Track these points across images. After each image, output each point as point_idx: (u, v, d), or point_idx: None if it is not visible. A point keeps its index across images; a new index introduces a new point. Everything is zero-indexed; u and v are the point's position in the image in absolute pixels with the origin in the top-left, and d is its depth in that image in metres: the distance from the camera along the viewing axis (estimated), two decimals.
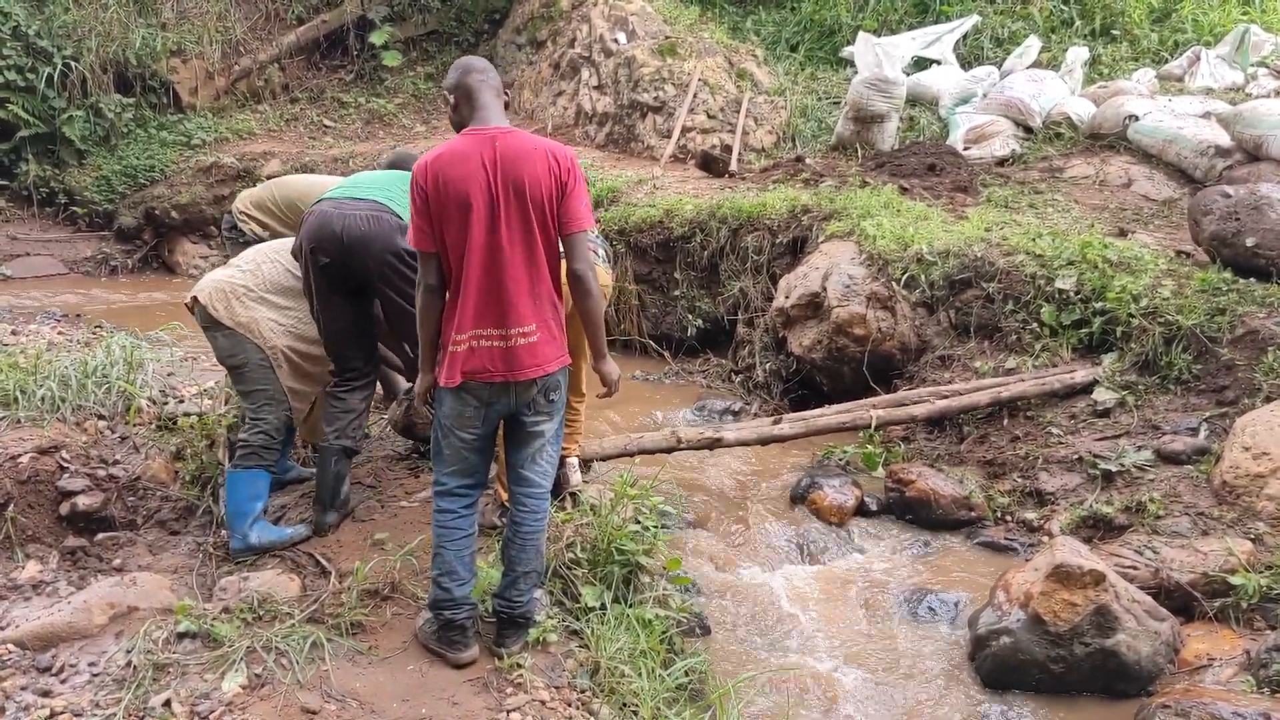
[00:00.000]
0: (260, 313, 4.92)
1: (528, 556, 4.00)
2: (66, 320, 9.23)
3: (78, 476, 5.12)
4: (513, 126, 3.80)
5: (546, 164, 3.70)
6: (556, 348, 3.84)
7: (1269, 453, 5.29)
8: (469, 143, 3.72)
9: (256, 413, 4.92)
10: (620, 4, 13.59)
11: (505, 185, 3.67)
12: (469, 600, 3.97)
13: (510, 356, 3.74)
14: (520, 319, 3.73)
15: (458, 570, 3.94)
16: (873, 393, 7.20)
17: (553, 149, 3.76)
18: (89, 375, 5.87)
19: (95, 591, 4.28)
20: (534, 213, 3.70)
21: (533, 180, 3.67)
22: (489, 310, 3.72)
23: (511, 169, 3.67)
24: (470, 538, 4.00)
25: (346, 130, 14.00)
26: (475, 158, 3.68)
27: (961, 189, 9.30)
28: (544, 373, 3.80)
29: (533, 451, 3.96)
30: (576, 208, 3.77)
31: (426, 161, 3.74)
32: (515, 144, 3.71)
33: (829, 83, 12.74)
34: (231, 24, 14.12)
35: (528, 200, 3.68)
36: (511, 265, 3.70)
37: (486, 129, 3.74)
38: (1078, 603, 4.49)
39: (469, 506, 4.00)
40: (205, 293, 4.92)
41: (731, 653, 4.86)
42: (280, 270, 5.06)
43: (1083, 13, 12.91)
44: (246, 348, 4.87)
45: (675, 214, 9.42)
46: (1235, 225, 6.61)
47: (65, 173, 12.98)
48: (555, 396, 3.90)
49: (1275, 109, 8.71)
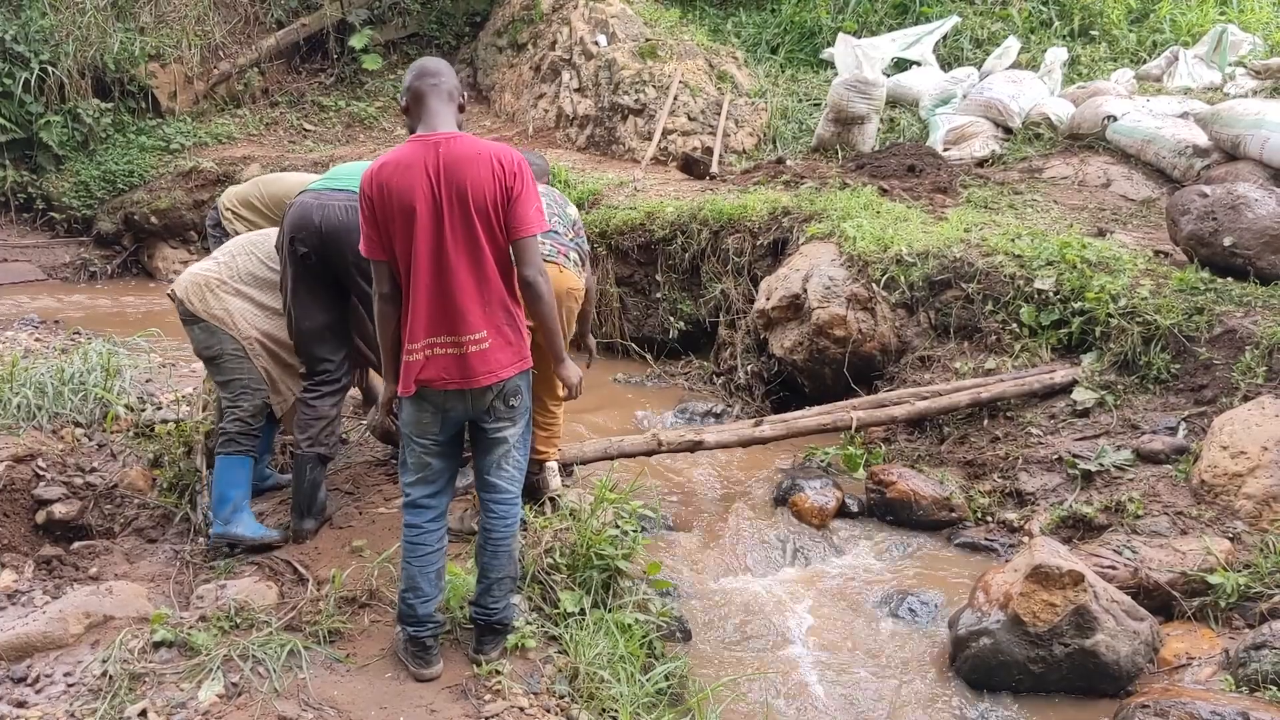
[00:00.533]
0: (234, 304, 4.92)
1: (500, 563, 3.98)
2: (44, 327, 9.16)
3: (54, 485, 5.09)
4: (459, 132, 3.74)
5: (491, 169, 3.64)
6: (512, 354, 3.78)
7: (1247, 451, 5.31)
8: (413, 150, 3.68)
9: (234, 401, 4.92)
10: (601, 6, 13.58)
11: (449, 192, 3.61)
12: (433, 619, 3.93)
13: (464, 364, 3.70)
14: (471, 326, 3.69)
15: (421, 587, 3.90)
16: (854, 394, 7.21)
17: (498, 153, 3.69)
18: (66, 382, 5.85)
19: (71, 601, 4.23)
20: (478, 219, 3.64)
21: (475, 186, 3.61)
22: (440, 319, 3.68)
23: (454, 176, 3.61)
24: (437, 553, 3.95)
25: (327, 134, 13.95)
26: (419, 165, 3.63)
27: (941, 190, 9.32)
28: (497, 379, 3.74)
29: (497, 457, 3.93)
30: (524, 213, 3.70)
31: (373, 170, 3.71)
32: (459, 150, 3.65)
33: (809, 84, 12.76)
34: (210, 28, 14.05)
35: (471, 207, 3.62)
36: (458, 273, 3.65)
37: (432, 135, 3.69)
38: (1057, 603, 4.49)
39: (435, 520, 3.94)
40: (182, 287, 4.93)
41: (712, 656, 4.85)
42: (255, 261, 5.06)
43: (1061, 14, 12.98)
44: (221, 339, 4.88)
45: (656, 216, 9.42)
46: (1213, 225, 6.64)
47: (43, 178, 12.90)
48: (515, 402, 3.85)
49: (1252, 108, 8.75)
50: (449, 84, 3.79)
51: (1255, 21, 12.45)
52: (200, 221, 12.54)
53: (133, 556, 4.90)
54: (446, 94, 3.78)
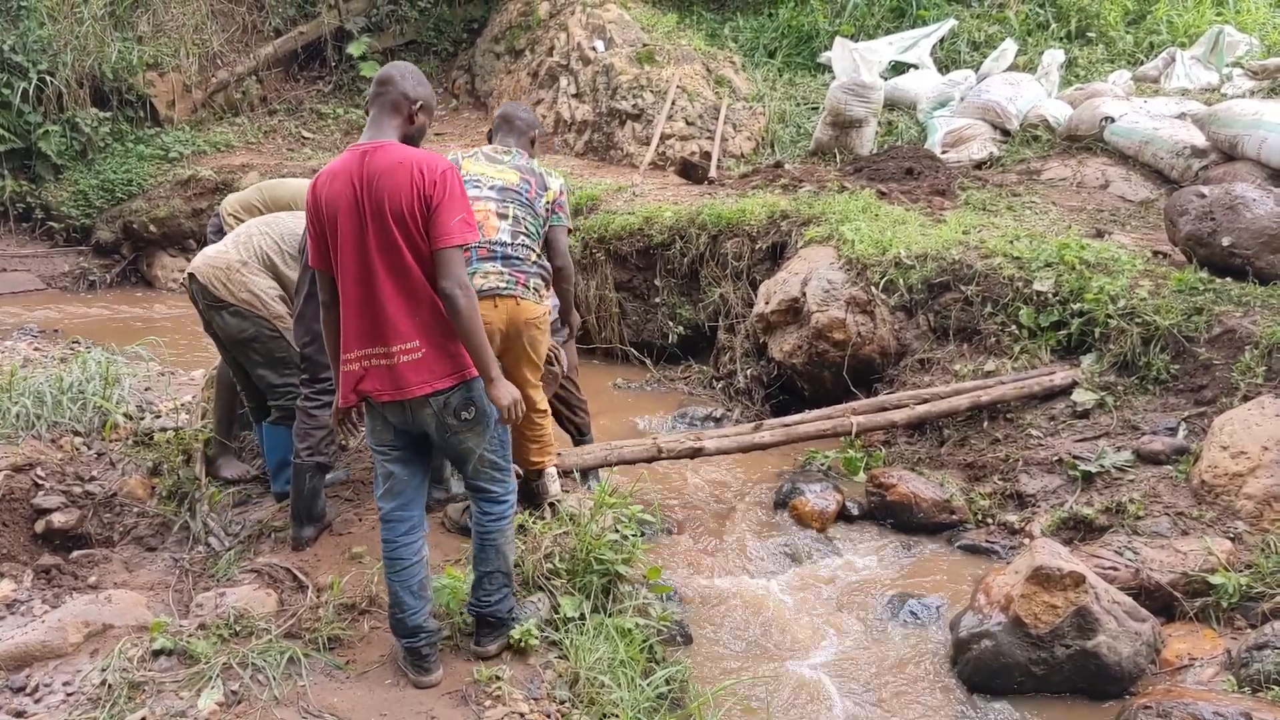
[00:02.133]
0: (260, 283, 5.05)
1: (487, 556, 3.98)
2: (43, 336, 9.18)
3: (53, 494, 5.08)
4: (390, 141, 3.70)
5: (410, 178, 3.57)
6: (450, 364, 3.70)
7: (1247, 451, 5.31)
8: (344, 160, 3.68)
9: (282, 378, 5.06)
10: (598, 12, 13.59)
11: (370, 202, 3.59)
12: (424, 629, 3.92)
13: (396, 375, 3.67)
14: (400, 336, 3.65)
15: (405, 601, 3.89)
16: (853, 397, 7.21)
17: (421, 162, 3.62)
18: (65, 391, 5.85)
19: (70, 610, 4.23)
20: (397, 229, 3.58)
21: (393, 196, 3.56)
22: (369, 329, 3.67)
23: (374, 185, 3.58)
24: (416, 565, 3.92)
25: (325, 141, 13.96)
26: (345, 175, 3.63)
27: (939, 192, 9.32)
28: (432, 389, 3.68)
29: (471, 466, 3.90)
30: (444, 222, 3.59)
31: (315, 179, 3.74)
32: (381, 159, 3.61)
33: (807, 88, 12.76)
34: (208, 37, 14.07)
35: (388, 217, 3.58)
36: (383, 283, 3.62)
37: (362, 145, 3.68)
38: (1058, 605, 4.49)
39: (408, 534, 3.91)
40: (204, 273, 5.00)
41: (713, 660, 4.84)
42: (270, 241, 5.16)
43: (1058, 16, 12.97)
44: (255, 321, 5.01)
45: (655, 221, 9.42)
46: (1211, 225, 6.64)
47: (42, 188, 12.90)
48: (468, 415, 3.76)
49: (1249, 109, 8.75)
50: (395, 93, 3.74)
51: (1252, 22, 12.45)
52: (199, 230, 12.54)
53: (132, 565, 4.89)
54: (391, 104, 3.74)
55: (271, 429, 5.17)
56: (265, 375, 5.10)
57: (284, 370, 5.07)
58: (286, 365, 5.06)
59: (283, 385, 5.07)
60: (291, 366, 5.04)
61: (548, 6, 14.14)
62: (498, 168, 4.79)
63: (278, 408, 5.10)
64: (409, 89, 3.76)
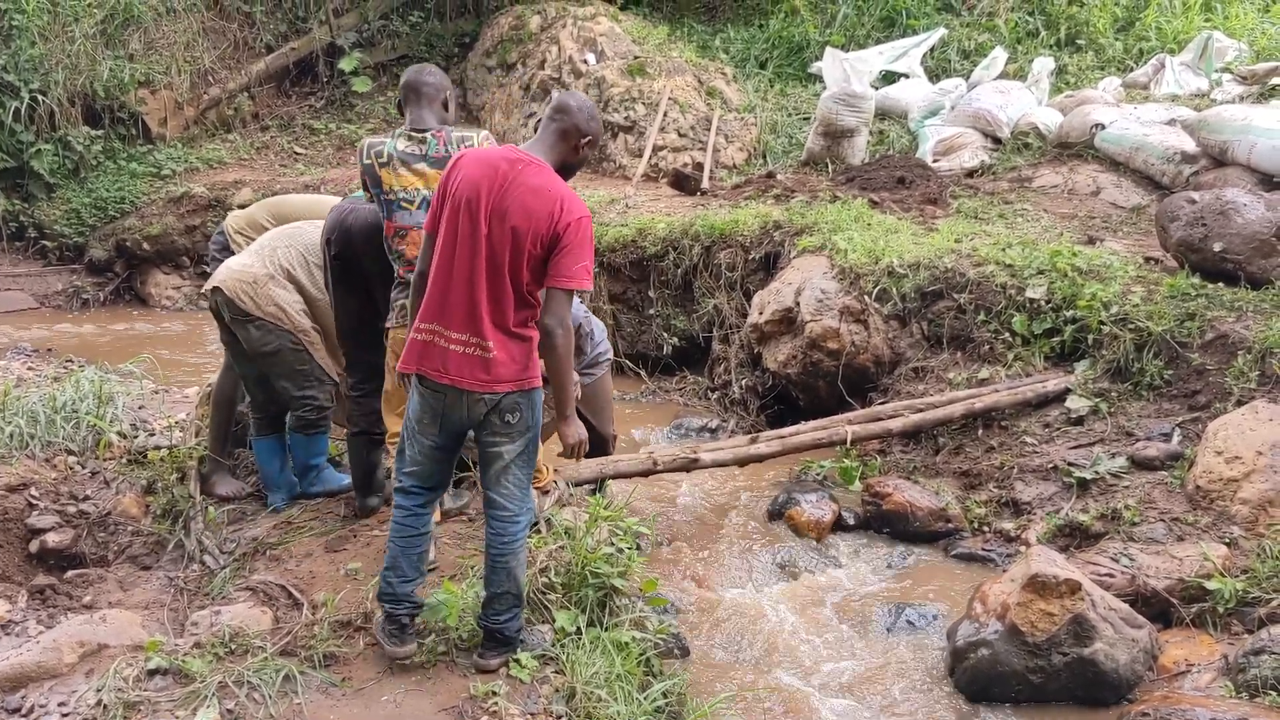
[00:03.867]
0: (284, 297, 5.08)
1: (498, 578, 4.00)
2: (37, 355, 9.15)
3: (47, 514, 5.07)
4: (544, 162, 3.90)
5: (550, 209, 3.76)
6: (514, 370, 3.83)
7: (1241, 456, 5.32)
8: (500, 153, 3.96)
9: (302, 390, 5.14)
10: (589, 25, 13.61)
11: (499, 204, 3.76)
12: (410, 598, 4.04)
13: (459, 362, 3.80)
14: (475, 329, 3.79)
15: (402, 566, 4.02)
16: (848, 406, 7.21)
17: (566, 199, 3.82)
18: (58, 411, 5.84)
19: (65, 630, 4.21)
20: (510, 243, 3.76)
21: (524, 214, 3.75)
22: (451, 310, 3.81)
23: (511, 193, 3.78)
24: (420, 537, 4.07)
25: (318, 157, 13.94)
26: (490, 166, 3.85)
27: (931, 201, 9.34)
28: (490, 390, 3.80)
29: (495, 472, 3.96)
30: (567, 265, 3.81)
31: (462, 155, 4.00)
32: (532, 175, 3.83)
33: (798, 98, 12.78)
34: (200, 53, 14.05)
35: (509, 227, 3.75)
36: (480, 277, 3.77)
37: (520, 150, 3.95)
38: (1054, 612, 4.49)
39: (422, 507, 4.06)
40: (229, 286, 5.03)
41: (711, 673, 4.83)
42: (295, 254, 5.20)
43: (1048, 23, 13.01)
44: (279, 335, 5.05)
45: (648, 233, 9.43)
46: (1202, 230, 6.66)
47: (35, 206, 12.86)
48: (513, 419, 3.87)
49: (1239, 114, 8.79)
50: (569, 123, 3.92)
51: (1240, 28, 12.48)
52: (193, 247, 12.54)
53: (127, 584, 4.87)
54: (562, 131, 3.93)
55: (264, 442, 5.29)
56: (288, 387, 5.16)
57: (304, 383, 5.15)
58: (308, 378, 5.16)
59: (303, 397, 5.16)
60: (312, 379, 5.16)
61: (539, 20, 14.17)
62: (417, 171, 4.59)
63: (297, 417, 5.21)
64: (582, 123, 3.94)
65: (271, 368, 5.15)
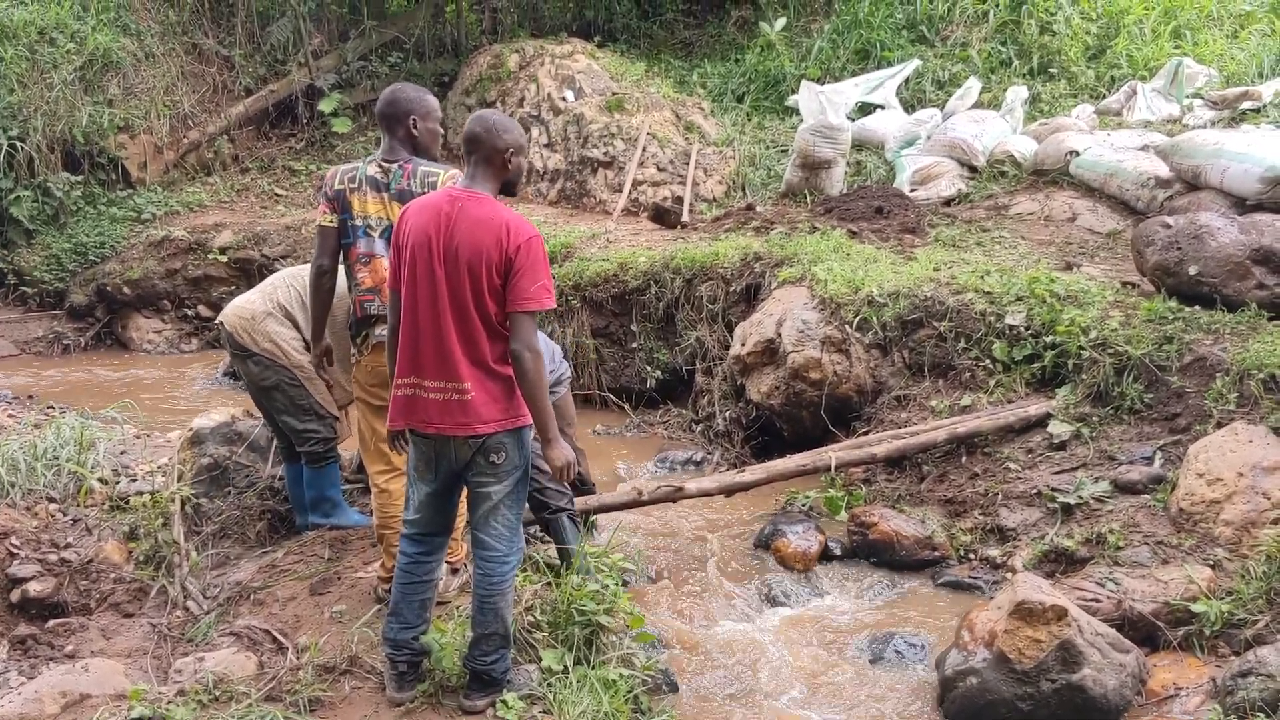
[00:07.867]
0: (283, 334, 5.25)
1: (485, 619, 3.99)
2: (18, 402, 9.10)
3: (28, 563, 5.03)
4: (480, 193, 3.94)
5: (496, 236, 3.78)
6: (496, 410, 3.85)
7: (1223, 478, 5.34)
8: (439, 197, 3.98)
9: (304, 424, 5.32)
10: (567, 63, 13.72)
11: (449, 245, 3.79)
12: (410, 646, 4.06)
13: (441, 410, 3.84)
14: (452, 374, 3.81)
15: (403, 612, 4.06)
16: (833, 436, 7.22)
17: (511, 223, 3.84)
18: (38, 458, 5.81)
19: (47, 680, 4.18)
20: (468, 279, 3.80)
21: (474, 247, 3.78)
22: (424, 361, 3.85)
23: (458, 231, 3.81)
24: (424, 584, 4.09)
25: (298, 198, 13.96)
26: (433, 211, 3.88)
27: (909, 230, 9.40)
28: (474, 432, 3.82)
29: (484, 513, 3.97)
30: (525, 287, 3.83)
31: (408, 205, 4.05)
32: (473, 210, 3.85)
33: (776, 131, 12.87)
34: (179, 98, 14.08)
35: (462, 264, 3.80)
36: (446, 322, 3.81)
37: (456, 189, 3.97)
38: (1042, 639, 4.48)
39: (426, 554, 4.09)
40: (230, 322, 5.27)
41: (700, 708, 4.81)
42: (294, 294, 5.34)
43: (1020, 53, 13.14)
44: (277, 370, 5.23)
45: (629, 267, 9.46)
46: (1177, 254, 6.71)
47: (14, 253, 12.83)
48: (498, 459, 3.88)
49: (1211, 139, 8.87)
50: (487, 149, 3.90)
51: (1209, 54, 12.63)
52: (173, 290, 12.53)
53: (109, 632, 4.83)
54: (484, 159, 3.92)
55: (290, 469, 5.53)
56: (289, 421, 5.31)
57: (304, 417, 5.30)
58: (307, 412, 5.30)
59: (305, 431, 5.30)
60: (312, 414, 5.30)
61: (517, 59, 14.27)
62: (380, 200, 4.55)
63: (303, 452, 5.35)
64: (497, 142, 3.92)
65: (272, 402, 5.32)
